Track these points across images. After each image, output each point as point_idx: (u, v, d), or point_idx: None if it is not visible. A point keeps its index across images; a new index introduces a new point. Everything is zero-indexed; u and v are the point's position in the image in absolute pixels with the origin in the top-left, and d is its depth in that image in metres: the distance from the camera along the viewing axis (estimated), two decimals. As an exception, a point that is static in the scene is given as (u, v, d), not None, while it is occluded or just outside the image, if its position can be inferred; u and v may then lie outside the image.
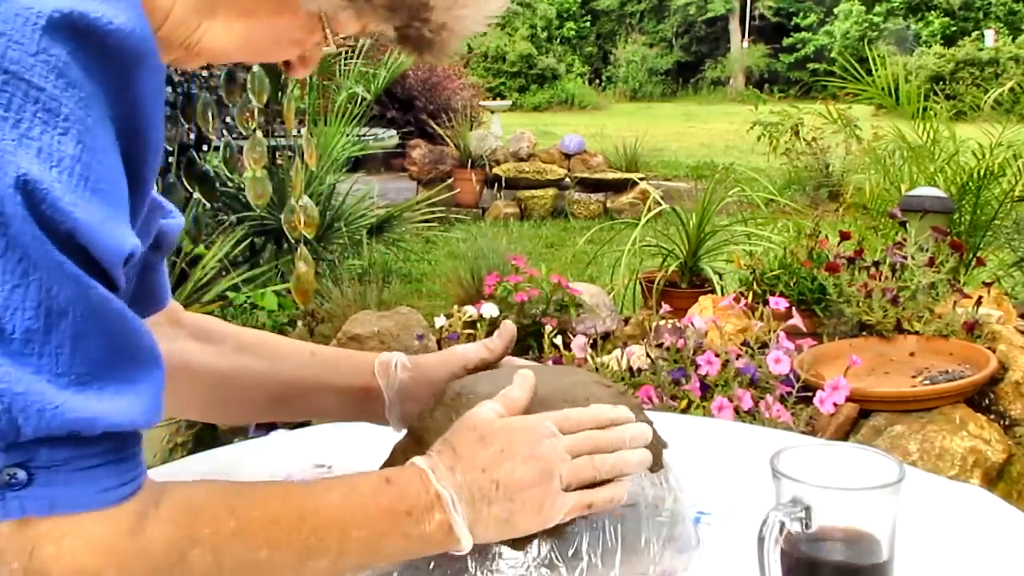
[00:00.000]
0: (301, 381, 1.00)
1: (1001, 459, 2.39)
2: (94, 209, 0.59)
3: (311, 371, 1.00)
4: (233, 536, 0.66)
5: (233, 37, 0.72)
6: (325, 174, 5.07)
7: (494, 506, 0.77)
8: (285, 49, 0.76)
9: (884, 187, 4.66)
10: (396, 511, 0.74)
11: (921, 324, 2.77)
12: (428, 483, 0.76)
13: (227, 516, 0.67)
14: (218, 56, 0.74)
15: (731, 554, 0.92)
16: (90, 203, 0.59)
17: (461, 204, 8.24)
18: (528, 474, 0.78)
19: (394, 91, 9.34)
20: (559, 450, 0.80)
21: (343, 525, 0.72)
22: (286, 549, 0.69)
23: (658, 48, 27.62)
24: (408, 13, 0.73)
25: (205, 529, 0.65)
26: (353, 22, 0.73)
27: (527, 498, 0.78)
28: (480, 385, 0.94)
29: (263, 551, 0.67)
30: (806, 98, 11.64)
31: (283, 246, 4.46)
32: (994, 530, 0.97)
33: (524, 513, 0.79)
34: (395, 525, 0.74)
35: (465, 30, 0.76)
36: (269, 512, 0.69)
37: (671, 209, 4.03)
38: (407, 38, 0.75)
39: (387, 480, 0.76)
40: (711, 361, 2.47)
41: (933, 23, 24.10)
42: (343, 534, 0.72)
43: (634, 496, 0.89)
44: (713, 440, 1.24)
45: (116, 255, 0.62)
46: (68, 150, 0.58)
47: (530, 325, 3.16)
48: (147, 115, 0.66)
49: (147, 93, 0.65)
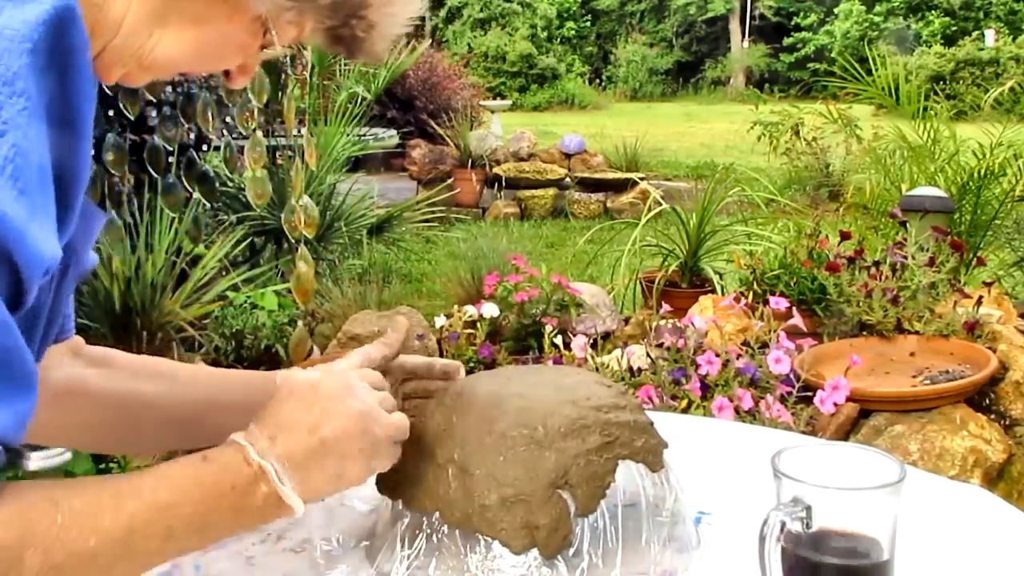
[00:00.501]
0: (198, 402, 1.00)
1: (1001, 459, 2.39)
2: (20, 209, 0.60)
3: (207, 391, 1.00)
4: (61, 530, 0.65)
5: (184, 46, 0.73)
6: (325, 174, 5.07)
7: (326, 463, 0.80)
8: (232, 55, 0.78)
9: (884, 187, 4.66)
10: (219, 486, 0.75)
11: (921, 324, 2.77)
12: (249, 457, 0.77)
13: (52, 509, 0.66)
14: (167, 67, 0.75)
15: (731, 554, 0.92)
16: (18, 202, 0.60)
17: (461, 204, 8.24)
18: (352, 425, 0.81)
19: (394, 91, 9.35)
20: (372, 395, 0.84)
21: (163, 505, 0.71)
22: (113, 534, 0.68)
23: (658, 48, 27.61)
24: (347, 12, 0.75)
25: (37, 527, 0.64)
26: (294, 25, 0.75)
27: (356, 448, 0.81)
28: (480, 385, 0.94)
29: (91, 539, 0.67)
30: (806, 98, 11.64)
31: (283, 246, 4.46)
32: (994, 530, 0.97)
33: (356, 463, 0.81)
34: (219, 500, 0.75)
35: (392, 29, 0.79)
36: (90, 500, 0.68)
37: (671, 209, 4.02)
38: (340, 38, 0.78)
39: (204, 458, 0.76)
40: (711, 361, 2.47)
41: (933, 23, 24.09)
42: (166, 513, 0.71)
43: (635, 496, 0.89)
44: (713, 440, 1.24)
45: (37, 258, 0.62)
46: (2, 151, 0.59)
47: (530, 325, 3.16)
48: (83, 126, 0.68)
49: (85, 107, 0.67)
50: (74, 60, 0.65)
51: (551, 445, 0.87)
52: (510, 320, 3.20)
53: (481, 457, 0.87)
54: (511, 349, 3.13)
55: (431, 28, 26.67)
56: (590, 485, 0.86)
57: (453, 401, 0.93)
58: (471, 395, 0.92)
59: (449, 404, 0.93)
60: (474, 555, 0.86)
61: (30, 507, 0.65)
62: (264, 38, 0.77)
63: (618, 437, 0.89)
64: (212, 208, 4.24)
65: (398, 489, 0.91)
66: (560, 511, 0.84)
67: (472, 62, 19.81)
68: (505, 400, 0.91)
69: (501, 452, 0.87)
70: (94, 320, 3.22)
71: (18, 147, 0.60)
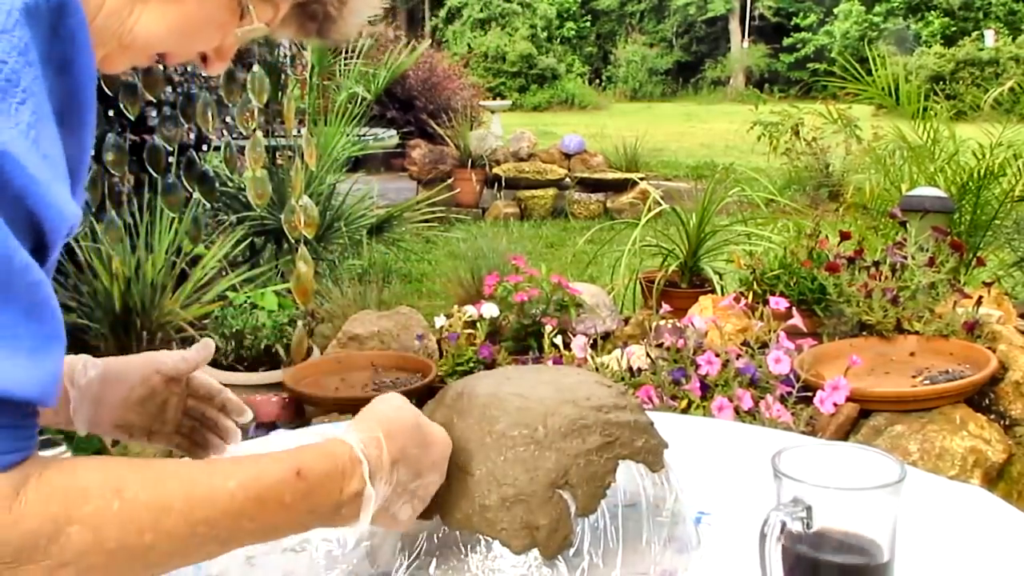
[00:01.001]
0: None
1: (1001, 459, 2.39)
2: (46, 171, 0.62)
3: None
4: (116, 517, 0.64)
5: (164, 22, 0.74)
6: (325, 174, 5.07)
7: (391, 509, 0.81)
8: (211, 34, 0.79)
9: (884, 187, 4.66)
10: (298, 509, 0.74)
11: (921, 324, 2.77)
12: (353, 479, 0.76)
13: (112, 496, 0.65)
14: (147, 46, 0.76)
15: (731, 554, 0.92)
16: (42, 164, 0.62)
17: (461, 204, 8.24)
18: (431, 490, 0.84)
19: (394, 91, 9.34)
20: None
21: (237, 515, 0.70)
22: (173, 536, 0.67)
23: (658, 48, 27.61)
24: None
25: (86, 507, 0.64)
26: (270, 5, 0.78)
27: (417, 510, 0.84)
28: (480, 386, 0.94)
29: (147, 535, 0.66)
30: (806, 98, 11.63)
31: (283, 246, 4.46)
32: (994, 530, 0.97)
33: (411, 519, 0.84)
34: (293, 520, 0.74)
35: (363, 8, 0.82)
36: (159, 496, 0.67)
37: (671, 209, 4.02)
38: (313, 16, 0.80)
39: (298, 474, 0.73)
40: (711, 361, 2.47)
41: (933, 23, 24.09)
42: (235, 523, 0.70)
43: (635, 496, 0.89)
44: (713, 440, 1.24)
45: (61, 218, 0.64)
46: (25, 117, 0.61)
47: (530, 325, 3.16)
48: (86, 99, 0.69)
49: (85, 78, 0.68)
50: (77, 37, 0.66)
51: (551, 445, 0.87)
52: (510, 320, 3.20)
53: (481, 457, 0.87)
54: (511, 349, 3.13)
55: (431, 28, 26.69)
56: (590, 485, 0.86)
57: (453, 401, 0.93)
58: (471, 395, 0.92)
59: (449, 404, 0.93)
60: (474, 555, 0.86)
61: (87, 486, 0.65)
62: (241, 20, 0.78)
63: (618, 437, 0.89)
64: (212, 208, 4.24)
65: None
66: (560, 511, 0.84)
67: (472, 62, 19.81)
68: (505, 400, 0.91)
69: (501, 452, 0.87)
70: (94, 320, 3.22)
71: (38, 114, 0.62)
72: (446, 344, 3.15)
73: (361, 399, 3.32)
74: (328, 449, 0.77)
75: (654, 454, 0.91)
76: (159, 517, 0.67)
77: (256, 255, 4.54)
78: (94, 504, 0.64)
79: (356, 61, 7.13)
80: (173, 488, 0.68)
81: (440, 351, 3.22)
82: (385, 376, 3.08)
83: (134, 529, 0.65)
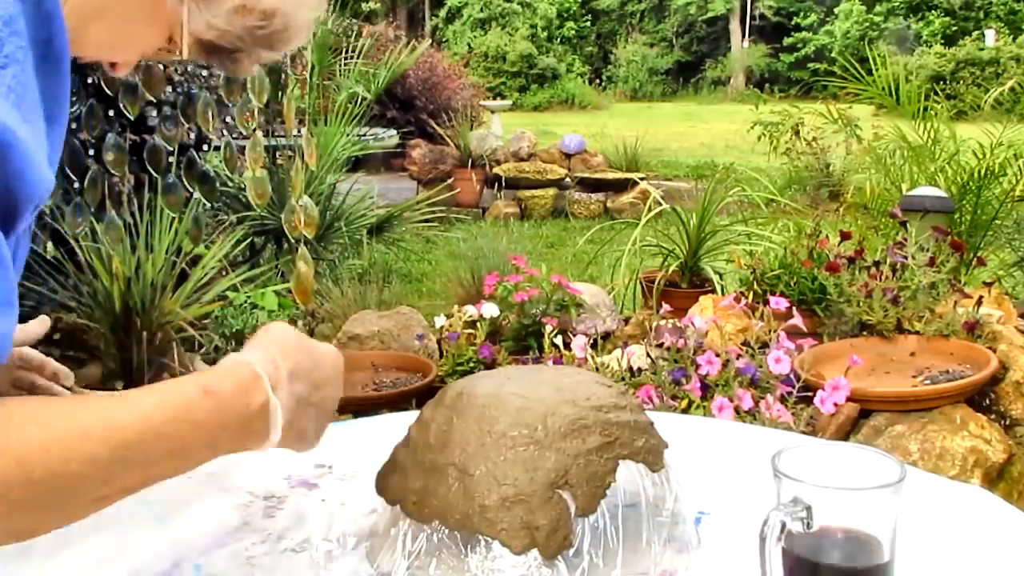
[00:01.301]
0: None
1: (1002, 459, 2.39)
2: (28, 134, 0.63)
3: None
4: (40, 445, 0.64)
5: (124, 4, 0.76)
6: (325, 174, 5.07)
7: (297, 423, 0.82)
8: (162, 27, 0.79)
9: (884, 187, 4.66)
10: (210, 425, 0.75)
11: (922, 324, 2.77)
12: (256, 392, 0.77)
13: (31, 424, 0.65)
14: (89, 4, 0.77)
15: (731, 554, 0.92)
16: (23, 124, 0.63)
17: (461, 204, 8.24)
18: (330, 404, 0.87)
19: (394, 91, 9.35)
20: None
21: (154, 437, 0.71)
22: (97, 463, 0.67)
23: (658, 48, 27.63)
24: None
25: (7, 438, 0.63)
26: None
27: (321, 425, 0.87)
28: (480, 386, 0.94)
29: (73, 463, 0.66)
30: (806, 98, 11.64)
31: (283, 246, 4.46)
32: (994, 530, 0.96)
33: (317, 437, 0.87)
34: (207, 439, 0.75)
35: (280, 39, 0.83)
36: (77, 423, 0.67)
37: (671, 209, 4.02)
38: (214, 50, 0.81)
39: (205, 392, 0.75)
40: (711, 361, 2.47)
41: (933, 23, 24.10)
42: (153, 446, 0.71)
43: (635, 496, 0.89)
44: (713, 440, 1.24)
45: (36, 185, 0.65)
46: (7, 80, 0.63)
47: (530, 325, 3.16)
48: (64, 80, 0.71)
49: (64, 60, 0.70)
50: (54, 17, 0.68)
51: (551, 445, 0.86)
52: (510, 320, 3.20)
53: (481, 457, 0.87)
54: (511, 349, 3.13)
55: (431, 28, 26.70)
56: (590, 485, 0.86)
57: (453, 401, 0.93)
58: (471, 395, 0.92)
59: (449, 404, 0.93)
60: (474, 555, 0.86)
61: (8, 418, 0.64)
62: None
63: (618, 437, 0.89)
64: (212, 208, 4.24)
65: (398, 495, 0.91)
66: (560, 511, 0.84)
67: (472, 62, 19.82)
68: (505, 400, 0.91)
69: (501, 452, 0.86)
70: (94, 320, 3.22)
71: (19, 79, 0.64)
72: (446, 344, 3.15)
73: (362, 399, 3.30)
74: (229, 369, 0.79)
75: (654, 454, 0.91)
76: (81, 444, 0.66)
77: (256, 255, 4.54)
78: (15, 434, 0.64)
79: (356, 61, 7.13)
80: (89, 416, 0.69)
81: (440, 351, 3.22)
82: (385, 376, 3.08)
83: (59, 457, 0.65)
